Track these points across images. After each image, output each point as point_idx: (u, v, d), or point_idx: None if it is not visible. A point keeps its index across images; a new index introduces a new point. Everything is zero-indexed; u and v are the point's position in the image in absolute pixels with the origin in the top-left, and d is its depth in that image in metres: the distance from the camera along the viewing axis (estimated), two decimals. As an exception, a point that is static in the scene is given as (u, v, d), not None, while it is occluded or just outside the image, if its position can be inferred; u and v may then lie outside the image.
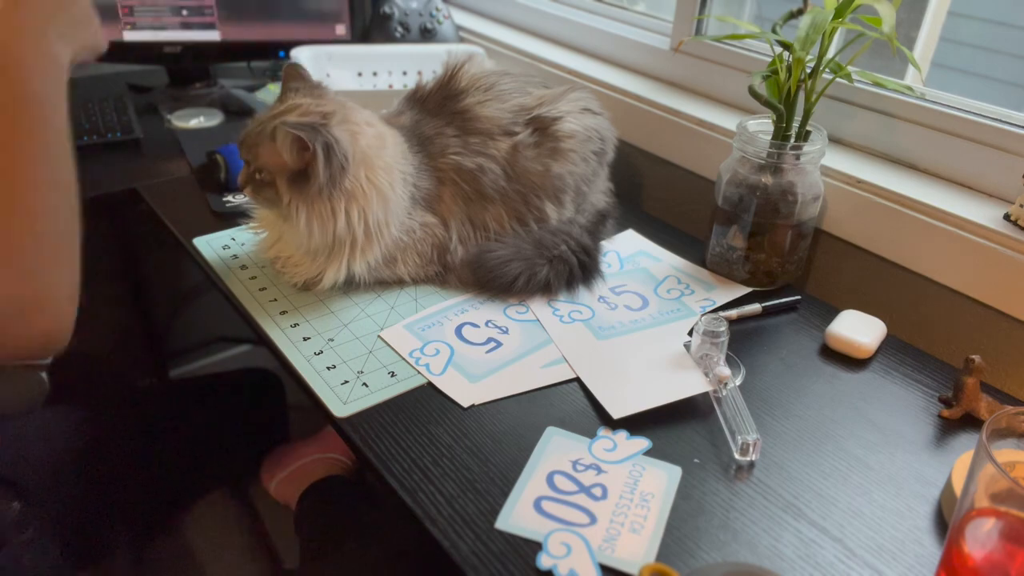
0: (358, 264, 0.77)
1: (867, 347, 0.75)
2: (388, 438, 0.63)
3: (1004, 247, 0.71)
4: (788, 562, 0.54)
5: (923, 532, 0.57)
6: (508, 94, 0.85)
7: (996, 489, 0.45)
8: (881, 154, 0.86)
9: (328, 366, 0.71)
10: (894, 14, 0.70)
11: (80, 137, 1.07)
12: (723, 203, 0.84)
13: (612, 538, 0.55)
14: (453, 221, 0.82)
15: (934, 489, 0.61)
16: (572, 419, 0.66)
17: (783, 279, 0.85)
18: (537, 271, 0.81)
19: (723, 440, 0.64)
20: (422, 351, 0.73)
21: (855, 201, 0.81)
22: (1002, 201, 0.76)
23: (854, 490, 0.60)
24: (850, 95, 0.86)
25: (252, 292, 0.80)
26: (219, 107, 1.24)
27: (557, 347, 0.75)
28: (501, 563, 0.53)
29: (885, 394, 0.71)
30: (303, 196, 0.73)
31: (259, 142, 0.74)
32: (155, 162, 1.07)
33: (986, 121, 0.76)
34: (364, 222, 0.75)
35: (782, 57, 0.78)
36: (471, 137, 0.82)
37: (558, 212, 0.86)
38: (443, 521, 0.56)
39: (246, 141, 0.76)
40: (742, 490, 0.60)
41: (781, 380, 0.72)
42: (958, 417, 0.68)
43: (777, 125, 0.80)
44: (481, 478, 0.60)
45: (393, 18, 1.28)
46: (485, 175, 0.82)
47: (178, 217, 0.94)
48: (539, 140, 0.84)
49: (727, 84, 0.99)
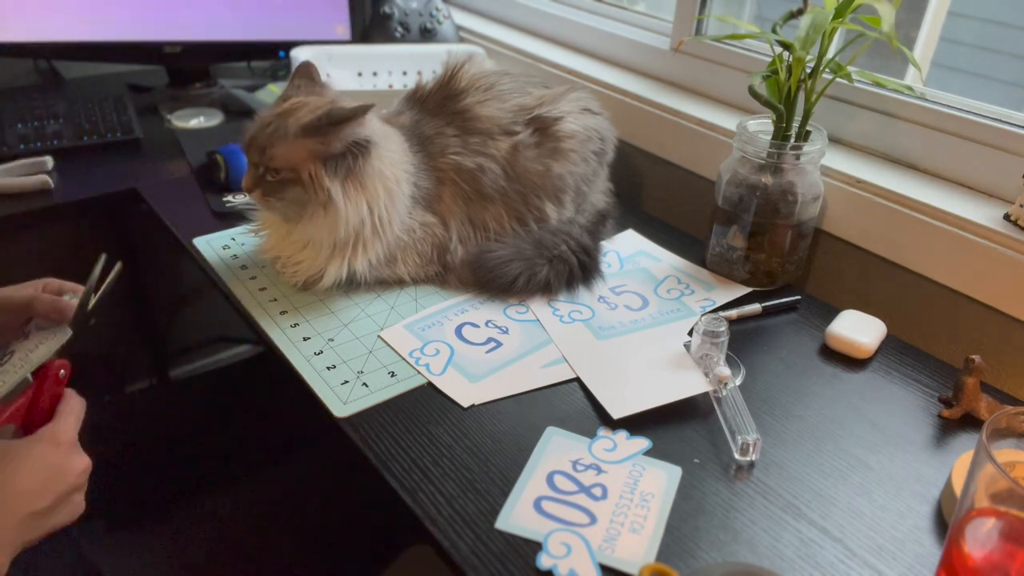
0: (360, 261, 0.77)
1: (867, 347, 0.75)
2: (388, 438, 0.63)
3: (1004, 247, 0.71)
4: (788, 562, 0.54)
5: (923, 532, 0.57)
6: (508, 94, 0.85)
7: (996, 489, 0.45)
8: (881, 154, 0.86)
9: (328, 366, 0.71)
10: (894, 14, 0.70)
11: (80, 137, 1.07)
12: (723, 203, 0.84)
13: (612, 538, 0.55)
14: (453, 221, 0.82)
15: (934, 489, 0.61)
16: (572, 419, 0.66)
17: (783, 279, 0.85)
18: (537, 271, 0.81)
19: (723, 440, 0.64)
20: (422, 351, 0.73)
21: (855, 201, 0.82)
22: (1002, 201, 0.76)
23: (854, 490, 0.60)
24: (850, 95, 0.86)
25: (252, 292, 0.80)
26: (219, 107, 1.24)
27: (557, 347, 0.75)
28: (501, 563, 0.53)
29: (885, 394, 0.71)
30: (341, 176, 0.73)
31: (272, 142, 0.73)
32: (155, 162, 1.07)
33: (986, 121, 0.76)
34: (372, 216, 0.75)
35: (782, 57, 0.78)
36: (471, 137, 0.82)
37: (558, 212, 0.87)
38: (443, 521, 0.56)
39: (255, 143, 0.74)
40: (742, 490, 0.60)
41: (781, 380, 0.72)
42: (958, 417, 0.68)
43: (777, 125, 0.80)
44: (481, 478, 0.60)
45: (393, 18, 1.28)
46: (485, 175, 0.82)
47: (178, 217, 0.94)
48: (539, 140, 0.84)
49: (727, 84, 0.99)
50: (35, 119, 1.08)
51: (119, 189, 0.99)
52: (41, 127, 1.06)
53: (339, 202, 0.73)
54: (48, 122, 1.08)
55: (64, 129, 1.07)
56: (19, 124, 1.07)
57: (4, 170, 0.98)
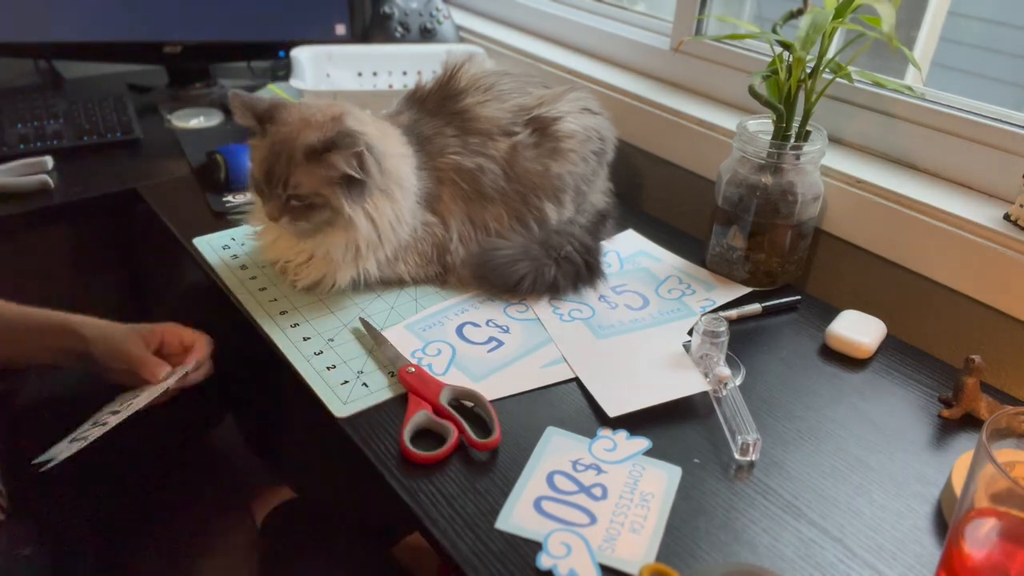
0: (371, 264, 0.77)
1: (867, 347, 0.75)
2: (388, 438, 0.63)
3: (1004, 247, 0.71)
4: (788, 562, 0.54)
5: (923, 532, 0.57)
6: (507, 94, 0.85)
7: (996, 489, 0.45)
8: (881, 154, 0.86)
9: (328, 366, 0.71)
10: (894, 14, 0.70)
11: (80, 137, 1.07)
12: (723, 203, 0.84)
13: (612, 538, 0.55)
14: (453, 221, 0.82)
15: (934, 489, 0.61)
16: (572, 419, 0.66)
17: (783, 279, 0.85)
18: (545, 271, 0.81)
19: (723, 440, 0.64)
20: (424, 351, 0.73)
21: (855, 201, 0.82)
22: (1002, 201, 0.76)
23: (854, 490, 0.60)
24: (850, 95, 0.86)
25: (252, 292, 0.80)
26: (219, 107, 1.24)
27: (556, 346, 0.75)
28: (501, 563, 0.53)
29: (885, 394, 0.71)
30: (359, 197, 0.73)
31: (290, 171, 0.72)
32: (155, 162, 1.07)
33: (986, 121, 0.76)
34: (384, 221, 0.75)
35: (782, 57, 0.78)
36: (470, 137, 0.82)
37: (558, 212, 0.87)
38: (443, 521, 0.56)
39: (274, 175, 0.73)
40: (742, 490, 0.60)
41: (781, 380, 0.72)
42: (958, 417, 0.68)
43: (777, 125, 0.80)
44: (481, 478, 0.60)
45: (393, 18, 1.28)
46: (484, 175, 0.82)
47: (178, 217, 0.94)
48: (538, 140, 0.84)
49: (727, 84, 0.99)
50: (35, 119, 1.08)
51: (119, 189, 0.99)
52: (41, 127, 1.07)
53: (358, 219, 0.74)
54: (48, 122, 1.08)
55: (64, 129, 1.07)
56: (19, 124, 1.07)
57: (4, 170, 0.98)
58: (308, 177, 0.72)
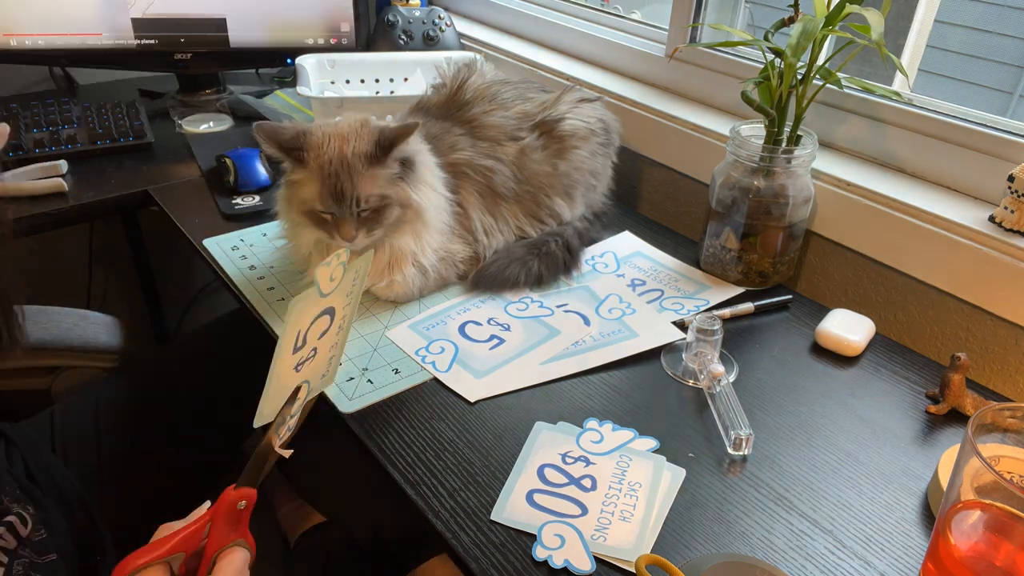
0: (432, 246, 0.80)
1: (856, 345, 0.76)
2: (392, 433, 0.65)
3: (989, 248, 0.72)
4: (780, 553, 0.56)
5: (910, 524, 0.58)
6: (510, 102, 0.88)
7: (981, 482, 0.46)
8: (870, 158, 0.88)
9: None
10: (882, 22, 0.71)
11: (94, 141, 1.09)
12: (717, 205, 0.86)
13: (603, 527, 0.57)
14: (474, 212, 0.84)
15: (921, 482, 0.62)
16: (569, 414, 0.68)
17: (775, 279, 0.87)
18: (531, 265, 0.85)
19: (717, 435, 0.66)
20: (427, 349, 0.75)
21: (845, 203, 0.83)
22: (987, 203, 0.78)
23: (844, 483, 0.62)
24: (840, 100, 0.88)
25: (261, 292, 0.83)
26: (228, 112, 1.26)
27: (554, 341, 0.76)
28: (502, 553, 0.55)
29: (874, 390, 0.73)
30: (416, 186, 0.77)
31: (356, 183, 0.72)
32: (166, 165, 1.09)
33: (971, 126, 0.78)
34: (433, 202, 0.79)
35: (774, 64, 0.79)
36: (480, 142, 0.86)
37: (570, 208, 0.90)
38: (445, 514, 0.58)
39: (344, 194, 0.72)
40: (735, 483, 0.61)
41: (773, 377, 0.74)
42: (944, 413, 0.69)
43: (769, 130, 0.82)
44: (482, 472, 0.62)
45: (397, 26, 1.31)
46: (496, 175, 0.85)
47: (188, 219, 0.96)
48: (545, 143, 0.88)
49: (721, 90, 1.01)
50: (50, 124, 1.11)
51: (131, 192, 1.01)
52: (56, 132, 1.09)
53: (424, 201, 0.77)
54: (63, 127, 1.11)
55: (78, 134, 1.09)
56: (35, 129, 1.09)
57: (20, 173, 1.00)
58: (372, 182, 0.74)
